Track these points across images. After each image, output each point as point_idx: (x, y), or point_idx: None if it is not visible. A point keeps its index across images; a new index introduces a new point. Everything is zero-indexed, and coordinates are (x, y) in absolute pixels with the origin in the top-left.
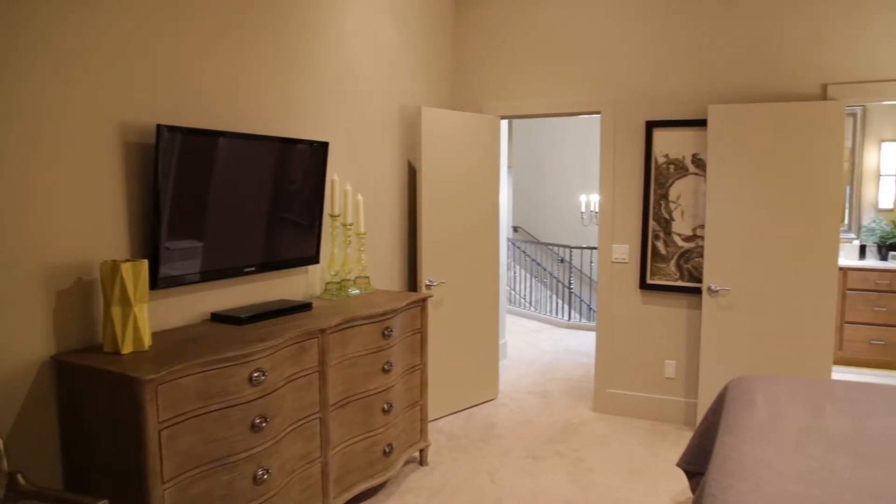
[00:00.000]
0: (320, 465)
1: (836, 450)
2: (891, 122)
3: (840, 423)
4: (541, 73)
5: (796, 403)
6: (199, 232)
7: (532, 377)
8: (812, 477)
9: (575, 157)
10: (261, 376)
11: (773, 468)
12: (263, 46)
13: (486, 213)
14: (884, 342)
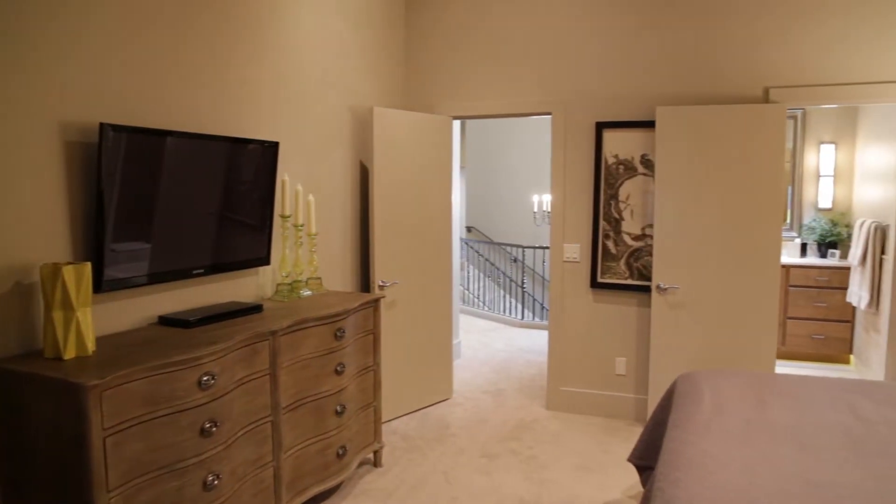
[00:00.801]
0: (272, 470)
1: (778, 441)
2: (829, 125)
3: (782, 415)
4: (493, 74)
5: (741, 397)
6: (146, 233)
7: (486, 376)
8: (756, 468)
9: (528, 157)
10: (210, 380)
11: (718, 460)
12: (214, 45)
13: (438, 213)
14: (824, 336)
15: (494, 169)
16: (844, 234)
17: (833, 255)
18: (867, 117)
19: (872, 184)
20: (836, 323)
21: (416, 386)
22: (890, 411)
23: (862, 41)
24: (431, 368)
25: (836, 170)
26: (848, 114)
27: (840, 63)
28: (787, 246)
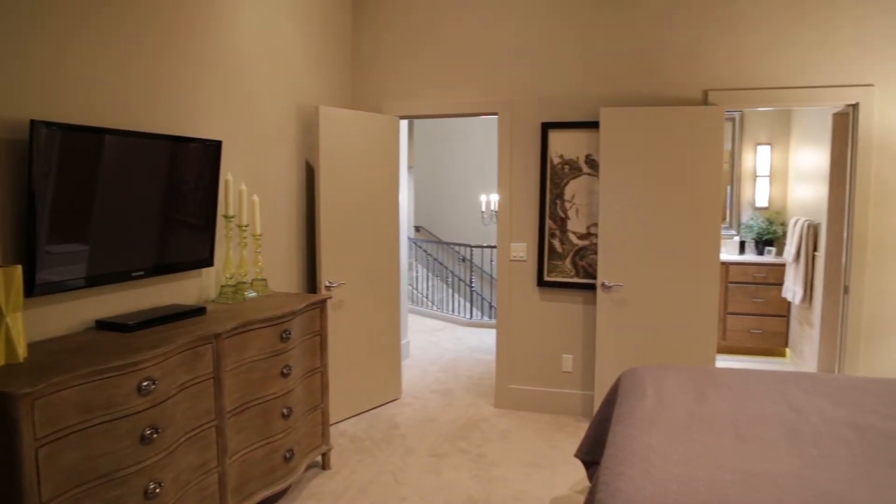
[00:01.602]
0: (217, 475)
1: (717, 433)
2: (765, 127)
3: (722, 408)
4: (440, 74)
5: (683, 391)
6: (83, 235)
7: (435, 375)
8: (696, 460)
9: (476, 157)
10: (151, 385)
11: (661, 453)
12: (154, 41)
13: (386, 213)
14: (762, 331)
15: (443, 169)
16: (780, 232)
17: (769, 253)
18: (800, 120)
19: (805, 184)
20: (772, 318)
21: (364, 387)
22: (821, 402)
23: (796, 47)
24: (380, 369)
25: (771, 170)
26: (782, 117)
27: (775, 68)
28: (727, 244)
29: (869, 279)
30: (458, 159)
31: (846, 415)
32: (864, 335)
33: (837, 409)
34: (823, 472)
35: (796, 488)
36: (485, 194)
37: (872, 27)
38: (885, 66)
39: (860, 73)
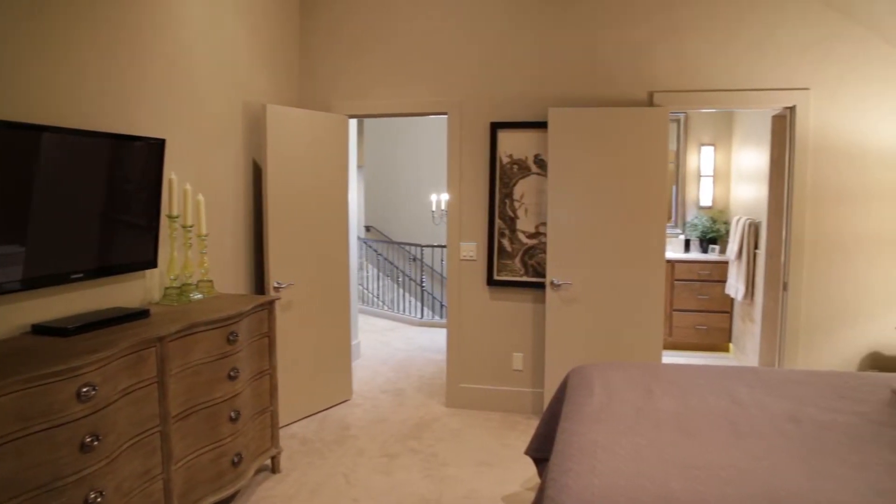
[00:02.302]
0: (162, 482)
1: (663, 428)
2: (709, 128)
3: (667, 403)
4: (389, 73)
5: (630, 388)
6: (19, 236)
7: (386, 376)
8: (642, 454)
9: (427, 156)
10: (91, 391)
11: (608, 449)
12: (95, 36)
13: (335, 212)
14: (707, 327)
15: (394, 168)
16: (723, 231)
17: (713, 251)
18: (742, 122)
19: (747, 184)
20: (716, 314)
21: (314, 388)
22: (762, 395)
23: (738, 51)
24: (330, 370)
25: (715, 170)
26: (725, 118)
27: (718, 71)
28: (672, 242)
29: (807, 276)
30: (408, 159)
31: (785, 407)
32: (803, 330)
33: (777, 402)
34: (763, 463)
35: (737, 479)
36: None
37: (809, 33)
38: (820, 70)
39: (797, 77)
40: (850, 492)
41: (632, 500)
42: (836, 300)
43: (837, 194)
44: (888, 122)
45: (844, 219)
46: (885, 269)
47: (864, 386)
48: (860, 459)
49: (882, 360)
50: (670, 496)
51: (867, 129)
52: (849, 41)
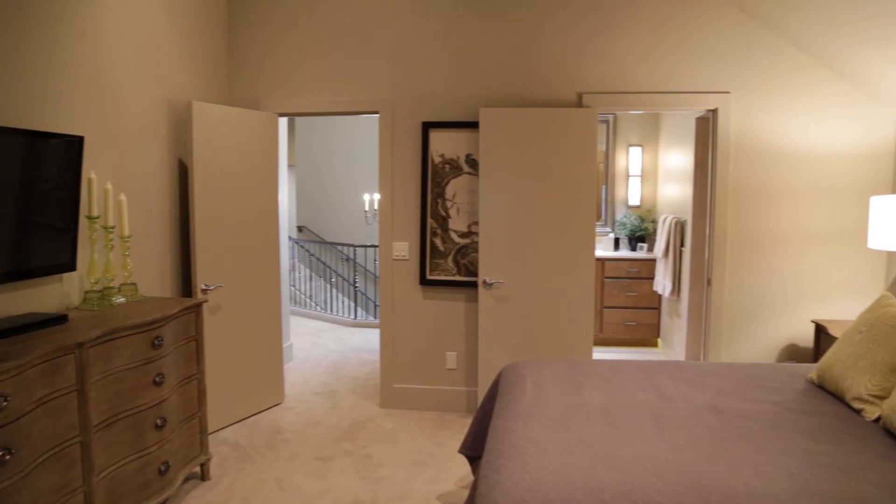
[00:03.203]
0: (83, 495)
1: (592, 422)
2: (637, 129)
3: (596, 398)
4: (320, 71)
5: (560, 384)
6: None
7: (319, 378)
8: (572, 449)
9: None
10: (2, 402)
11: (538, 445)
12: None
13: (265, 212)
14: (636, 323)
15: (326, 167)
16: (651, 229)
17: (642, 248)
18: (668, 123)
19: (673, 183)
20: (645, 310)
21: (245, 392)
22: (686, 388)
23: (664, 55)
24: (261, 373)
25: (643, 170)
26: (652, 119)
27: (645, 73)
28: (602, 240)
29: (729, 272)
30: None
31: (708, 399)
32: (726, 324)
33: (700, 394)
34: (686, 453)
35: (662, 469)
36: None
37: (730, 40)
38: (740, 75)
39: (719, 81)
40: (766, 477)
41: (561, 494)
42: (757, 295)
43: (756, 193)
44: (801, 125)
45: (763, 216)
46: (800, 264)
47: (781, 376)
48: (777, 446)
49: (798, 351)
50: (598, 488)
51: (783, 131)
52: (766, 48)
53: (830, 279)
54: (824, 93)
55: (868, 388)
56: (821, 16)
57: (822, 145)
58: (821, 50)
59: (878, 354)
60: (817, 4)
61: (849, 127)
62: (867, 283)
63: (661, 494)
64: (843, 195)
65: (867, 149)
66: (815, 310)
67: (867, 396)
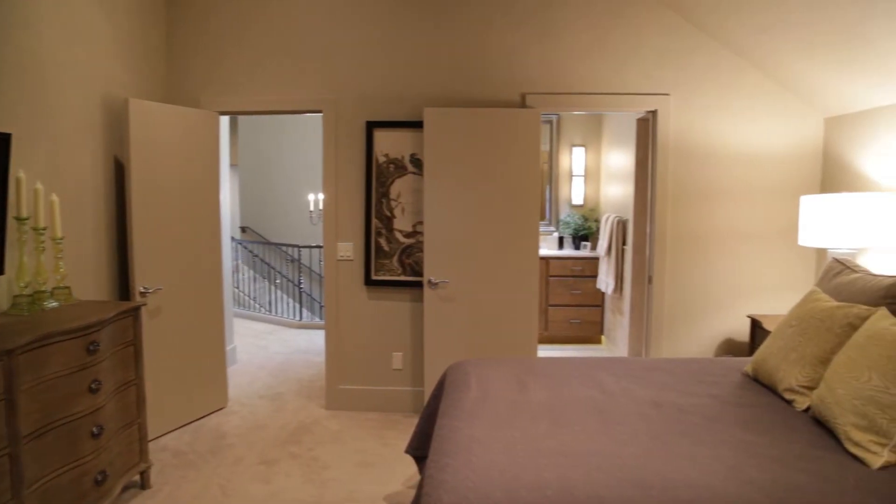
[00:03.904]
0: None
1: (536, 420)
2: (580, 130)
3: (541, 395)
4: (263, 69)
5: (505, 382)
6: None
7: (263, 381)
8: (516, 446)
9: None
10: None
11: (483, 443)
12: None
13: (206, 213)
14: (580, 320)
15: (270, 167)
16: (594, 228)
17: (585, 247)
18: (610, 124)
19: (615, 183)
20: (589, 308)
21: (187, 397)
22: (628, 383)
23: (606, 57)
24: (204, 377)
25: (586, 170)
26: (595, 120)
27: (587, 75)
28: (547, 239)
29: (669, 269)
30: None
31: (649, 394)
32: (667, 320)
33: (642, 390)
34: (628, 447)
35: (605, 464)
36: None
37: (669, 43)
38: (679, 78)
39: (658, 83)
40: (704, 468)
41: (506, 491)
42: (696, 291)
43: (695, 193)
44: (736, 126)
45: (701, 215)
46: (736, 262)
47: (719, 370)
48: (714, 438)
49: (735, 345)
50: (542, 485)
51: (719, 132)
52: (704, 52)
53: (765, 275)
54: (758, 96)
55: (798, 379)
56: (754, 21)
57: (756, 146)
58: (754, 54)
59: (807, 347)
60: (750, 10)
61: (780, 129)
62: (799, 278)
63: (604, 489)
64: (775, 195)
65: (797, 150)
66: (750, 305)
67: (798, 388)
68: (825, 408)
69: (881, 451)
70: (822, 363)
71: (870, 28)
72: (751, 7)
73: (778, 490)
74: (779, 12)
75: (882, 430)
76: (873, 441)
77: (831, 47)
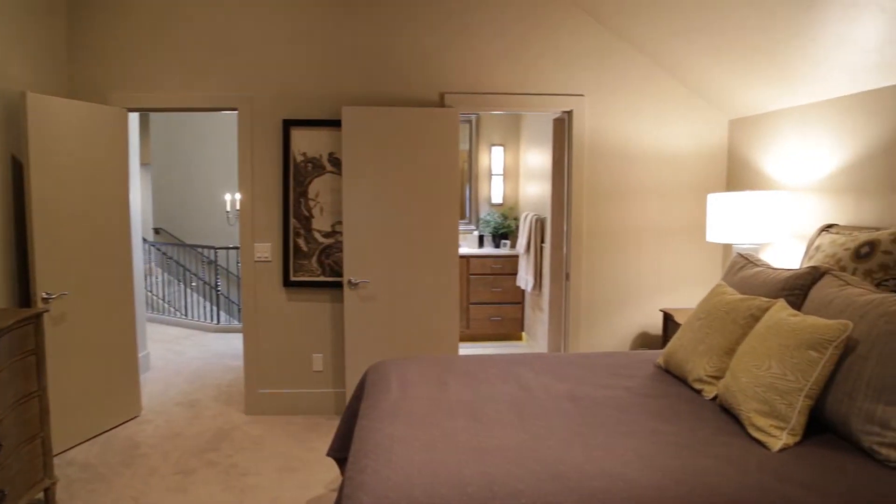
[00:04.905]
0: None
1: (456, 417)
2: (499, 129)
3: (460, 393)
4: (176, 65)
5: (425, 381)
6: None
7: (179, 387)
8: (437, 444)
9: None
10: None
11: (404, 442)
12: None
13: (115, 214)
14: (501, 318)
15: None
16: (514, 226)
17: (505, 245)
18: (528, 124)
19: (533, 182)
20: (510, 305)
21: (97, 407)
22: (546, 378)
23: (523, 58)
24: (115, 385)
25: (505, 169)
26: (513, 120)
27: (505, 75)
28: (467, 238)
29: (586, 266)
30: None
31: (566, 388)
32: (584, 316)
33: (559, 384)
34: (546, 441)
35: (524, 458)
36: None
37: (584, 46)
38: (593, 79)
39: (574, 84)
40: (618, 458)
41: (426, 490)
42: (611, 287)
43: (610, 191)
44: (648, 127)
45: (616, 213)
46: (650, 258)
47: (633, 363)
48: (627, 429)
49: (649, 338)
50: (462, 481)
51: (632, 132)
52: (618, 55)
53: (677, 271)
54: (668, 98)
55: (706, 369)
56: (664, 26)
57: (666, 146)
58: (665, 58)
59: (714, 339)
60: (661, 16)
61: (689, 130)
62: (707, 273)
63: (522, 482)
64: (685, 193)
65: (705, 150)
66: (663, 299)
67: (706, 377)
68: (730, 395)
69: (780, 435)
70: (727, 354)
71: (770, 36)
72: (662, 13)
73: (687, 475)
74: (688, 19)
75: (781, 414)
76: (773, 425)
77: (735, 53)
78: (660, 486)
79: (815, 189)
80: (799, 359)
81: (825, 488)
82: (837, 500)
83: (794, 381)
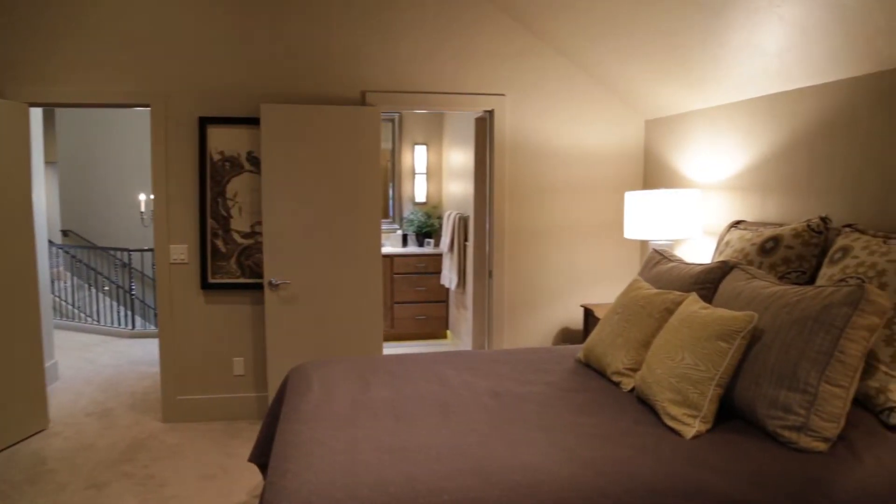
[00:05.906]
0: None
1: (379, 417)
2: (422, 128)
3: (383, 393)
4: (83, 58)
5: (348, 381)
6: None
7: (91, 396)
8: (359, 445)
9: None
10: None
11: (325, 445)
12: None
13: (16, 215)
14: (425, 316)
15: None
16: (437, 225)
17: (429, 244)
18: (450, 123)
19: (456, 180)
20: (434, 304)
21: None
22: (468, 376)
23: (445, 57)
24: (18, 398)
25: (428, 168)
26: (436, 119)
27: (428, 74)
28: (391, 237)
29: (508, 264)
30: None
31: (488, 385)
32: (507, 313)
33: (481, 381)
34: (469, 438)
35: (446, 455)
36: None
37: (505, 46)
38: (514, 79)
39: (495, 84)
40: (540, 452)
41: (348, 492)
42: (533, 284)
43: (531, 189)
44: (568, 126)
45: (537, 211)
46: (571, 254)
47: (554, 358)
48: (549, 423)
49: (570, 333)
50: (384, 481)
51: (552, 131)
52: (538, 56)
53: (596, 267)
54: (587, 98)
55: (624, 362)
56: (582, 29)
57: (585, 145)
58: (584, 60)
59: (631, 332)
60: (579, 18)
61: (607, 129)
62: (625, 269)
63: (445, 479)
64: (604, 191)
65: (622, 149)
66: (584, 295)
67: (624, 370)
68: (647, 387)
69: (693, 423)
70: (644, 346)
71: (683, 40)
72: (581, 15)
73: (606, 465)
74: (604, 22)
75: (693, 403)
76: (686, 414)
77: (650, 56)
78: (580, 477)
79: (724, 187)
80: (709, 349)
81: (734, 471)
82: (745, 482)
83: (705, 370)
